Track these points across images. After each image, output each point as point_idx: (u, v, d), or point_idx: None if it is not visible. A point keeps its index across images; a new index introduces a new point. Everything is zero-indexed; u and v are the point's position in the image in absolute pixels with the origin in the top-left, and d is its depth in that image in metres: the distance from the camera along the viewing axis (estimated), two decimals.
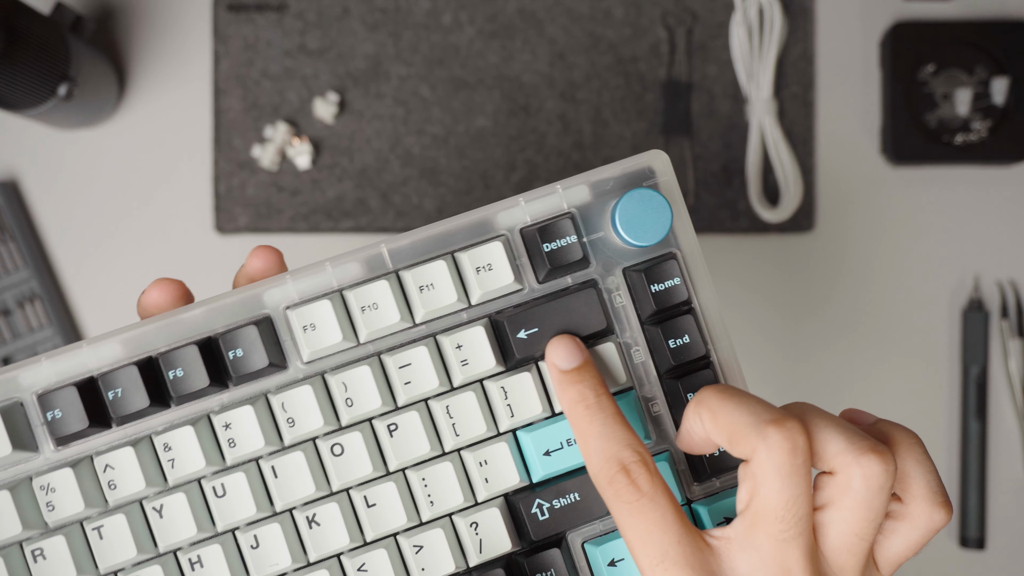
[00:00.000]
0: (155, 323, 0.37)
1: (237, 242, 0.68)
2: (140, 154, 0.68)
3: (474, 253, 0.37)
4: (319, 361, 0.37)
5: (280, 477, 0.37)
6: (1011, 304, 0.66)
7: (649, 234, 0.37)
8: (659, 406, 0.38)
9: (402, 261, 0.38)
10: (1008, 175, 0.67)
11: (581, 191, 0.38)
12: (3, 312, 0.67)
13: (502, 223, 0.38)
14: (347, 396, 0.37)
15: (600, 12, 0.67)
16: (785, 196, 0.66)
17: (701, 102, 0.67)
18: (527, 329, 0.37)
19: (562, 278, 0.38)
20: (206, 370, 0.36)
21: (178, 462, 0.36)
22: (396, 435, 0.37)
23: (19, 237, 0.66)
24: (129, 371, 0.36)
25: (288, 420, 0.37)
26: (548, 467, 0.37)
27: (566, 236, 0.37)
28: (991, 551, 0.66)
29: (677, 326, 0.38)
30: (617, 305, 0.38)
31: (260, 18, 0.67)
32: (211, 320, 0.37)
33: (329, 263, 0.37)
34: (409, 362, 0.37)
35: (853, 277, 0.67)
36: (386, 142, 0.67)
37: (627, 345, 0.38)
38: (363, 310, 0.37)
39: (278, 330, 0.37)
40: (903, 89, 0.65)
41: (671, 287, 0.38)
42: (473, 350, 0.37)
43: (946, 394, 0.67)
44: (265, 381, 0.37)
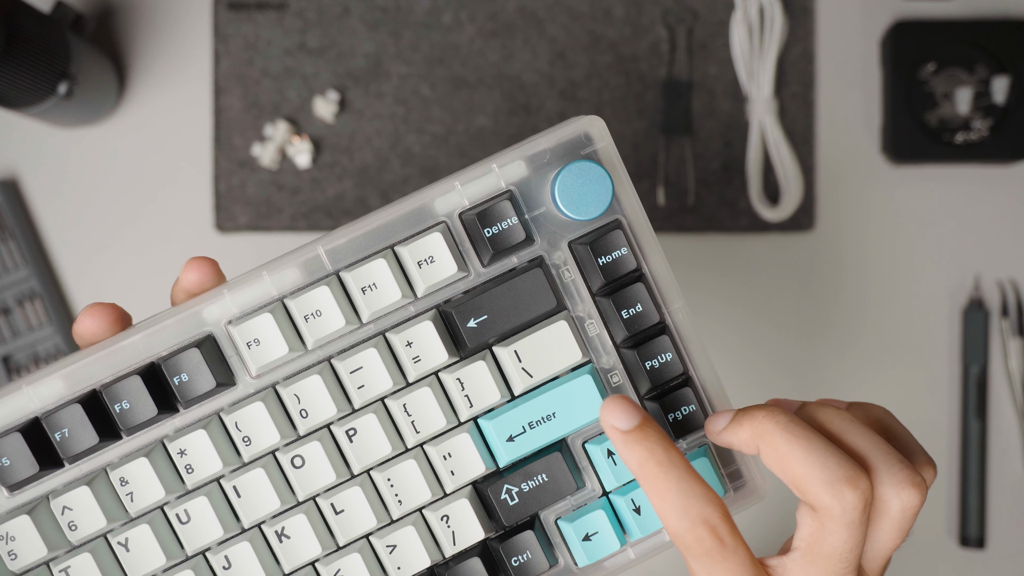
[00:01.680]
0: (94, 354, 0.36)
1: (237, 241, 0.68)
2: (140, 153, 0.68)
3: (414, 247, 0.36)
4: (269, 374, 0.36)
5: (243, 496, 0.36)
6: (1011, 304, 0.66)
7: (591, 207, 0.36)
8: (619, 376, 0.38)
9: (341, 261, 0.36)
10: (1008, 174, 0.67)
11: (518, 167, 0.37)
12: (3, 311, 0.67)
13: (440, 209, 0.37)
14: (301, 408, 0.36)
15: (600, 11, 0.67)
16: (785, 195, 0.66)
17: (701, 101, 0.67)
18: (476, 318, 0.36)
19: (508, 259, 0.37)
20: (152, 399, 0.35)
21: (137, 494, 0.36)
22: (356, 439, 0.36)
23: (19, 235, 0.66)
24: (73, 410, 0.35)
25: (244, 439, 0.36)
26: (513, 452, 0.37)
27: (506, 218, 0.36)
28: (991, 551, 0.66)
29: (628, 296, 0.37)
30: (567, 280, 0.37)
31: (260, 17, 0.67)
32: (152, 344, 0.36)
33: (266, 271, 0.36)
34: (360, 365, 0.36)
35: (853, 276, 0.67)
36: (386, 141, 0.67)
37: (580, 319, 0.38)
38: (307, 319, 0.36)
39: (222, 347, 0.36)
40: (903, 88, 0.65)
41: (618, 257, 0.37)
42: (424, 345, 0.36)
43: (946, 394, 0.67)
44: (216, 400, 0.36)
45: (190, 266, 0.37)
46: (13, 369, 0.67)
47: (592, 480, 0.38)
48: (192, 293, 0.37)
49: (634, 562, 0.38)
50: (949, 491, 0.67)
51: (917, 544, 0.67)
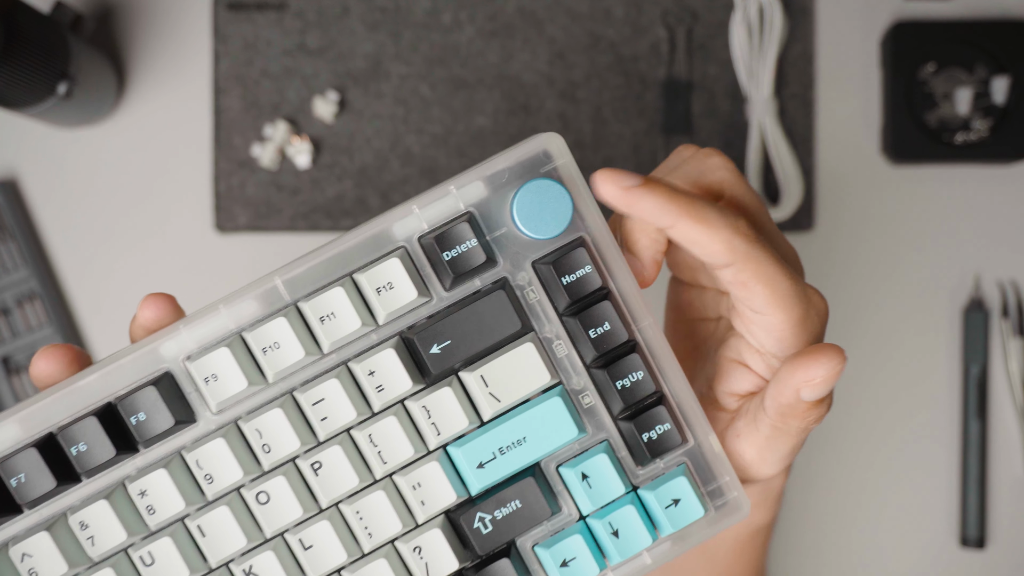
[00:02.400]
0: (50, 395, 0.35)
1: (237, 241, 0.68)
2: (140, 153, 0.68)
3: (371, 273, 0.35)
4: (230, 409, 0.36)
5: (208, 535, 0.35)
6: (1011, 304, 0.66)
7: (551, 226, 0.36)
8: (590, 397, 0.37)
9: (299, 291, 0.35)
10: (1008, 174, 0.67)
11: (476, 188, 0.36)
12: (3, 311, 0.67)
13: (399, 234, 0.36)
14: (263, 442, 0.35)
15: (600, 11, 0.67)
16: (785, 195, 0.66)
17: (701, 101, 0.67)
18: (439, 343, 0.35)
19: (471, 281, 0.36)
20: (110, 440, 0.34)
21: (98, 538, 0.35)
22: (322, 472, 0.35)
23: (18, 236, 0.66)
24: (29, 454, 0.34)
25: (206, 476, 0.35)
26: (484, 479, 0.36)
27: (465, 241, 0.35)
28: (991, 551, 0.66)
29: (595, 314, 0.36)
30: (532, 301, 0.37)
31: (260, 17, 0.67)
32: (108, 384, 0.35)
33: (222, 304, 0.35)
34: (322, 397, 0.35)
35: (853, 276, 0.67)
36: (386, 141, 0.67)
37: (548, 340, 0.37)
38: (265, 351, 0.35)
39: (181, 384, 0.35)
40: (903, 88, 0.65)
41: (583, 276, 0.36)
42: (386, 374, 0.35)
43: (946, 394, 0.67)
44: (177, 438, 0.35)
45: (146, 303, 0.36)
46: (13, 370, 0.67)
47: (568, 504, 0.37)
48: (150, 330, 0.36)
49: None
50: (949, 491, 0.67)
51: (917, 544, 0.67)
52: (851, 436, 0.67)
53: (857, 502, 0.67)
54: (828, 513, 0.67)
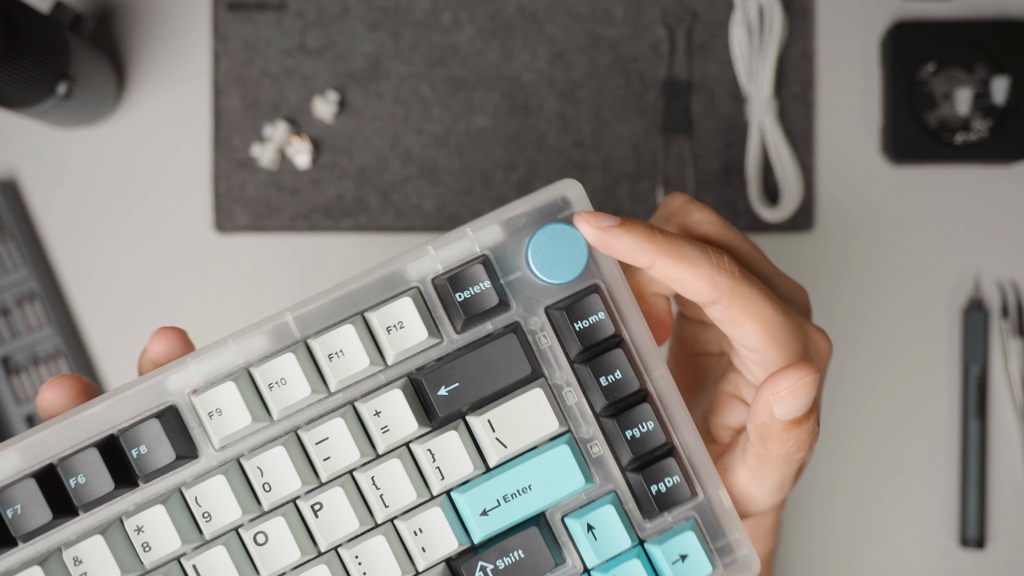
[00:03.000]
0: (53, 426, 0.34)
1: (237, 241, 0.68)
2: (139, 153, 0.68)
3: (383, 312, 0.35)
4: (232, 446, 0.35)
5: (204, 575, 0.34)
6: (1011, 304, 0.66)
7: (566, 271, 0.35)
8: (599, 447, 0.36)
9: (309, 328, 0.35)
10: (1008, 175, 0.67)
11: (493, 231, 0.36)
12: (2, 311, 0.67)
13: (413, 274, 0.35)
14: (264, 481, 0.35)
15: (600, 11, 0.67)
16: (785, 195, 0.66)
17: (701, 101, 0.67)
18: (447, 385, 0.35)
19: (482, 324, 0.36)
20: (110, 473, 0.34)
21: (91, 574, 0.34)
22: (322, 514, 0.35)
23: (18, 236, 0.66)
24: (27, 484, 0.34)
25: (204, 514, 0.34)
26: (487, 527, 0.35)
27: (479, 282, 0.35)
28: (991, 551, 0.66)
29: (607, 362, 0.36)
30: (543, 346, 0.36)
31: (260, 17, 0.67)
32: (112, 416, 0.35)
33: (231, 340, 0.35)
34: (326, 436, 0.35)
35: (853, 276, 0.67)
36: (386, 141, 0.67)
37: (558, 387, 0.36)
38: (271, 387, 0.35)
39: (185, 418, 0.35)
40: (903, 88, 0.65)
41: (596, 322, 0.36)
42: (393, 415, 0.35)
43: (946, 394, 0.67)
44: (177, 474, 0.35)
45: (157, 337, 0.36)
46: (12, 370, 0.67)
47: (572, 556, 0.36)
48: (159, 364, 0.36)
49: None
50: (949, 491, 0.67)
51: (917, 544, 0.67)
52: (851, 436, 0.67)
53: (857, 502, 0.67)
54: (828, 513, 0.67)
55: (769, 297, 0.36)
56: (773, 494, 0.38)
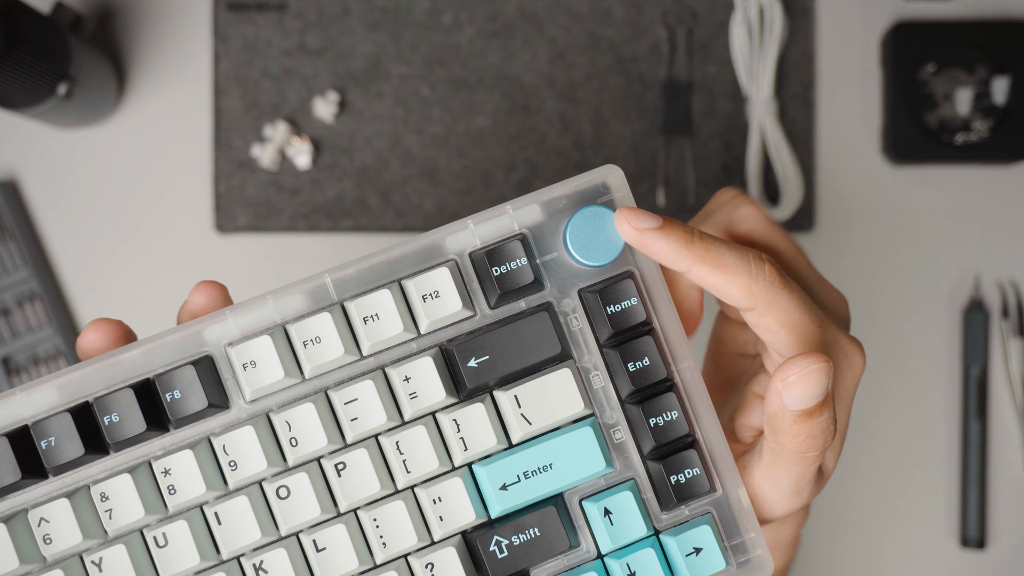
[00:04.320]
0: (92, 365, 0.35)
1: (237, 242, 0.68)
2: (140, 153, 0.68)
3: (420, 280, 0.35)
4: (263, 400, 0.36)
5: (224, 524, 0.35)
6: (1011, 304, 0.66)
7: (602, 253, 0.36)
8: (622, 433, 0.37)
9: (347, 291, 0.36)
10: (1008, 175, 0.67)
11: (533, 211, 0.36)
12: (3, 312, 0.67)
13: (451, 247, 0.36)
14: (291, 435, 0.35)
15: (600, 11, 0.67)
16: (785, 196, 0.66)
17: (701, 102, 0.67)
18: (477, 357, 0.35)
19: (515, 302, 0.36)
20: (143, 414, 0.34)
21: (116, 512, 0.35)
22: (344, 474, 0.35)
23: (19, 236, 0.66)
24: (62, 418, 0.34)
25: (230, 463, 0.35)
26: (506, 502, 0.36)
27: (516, 259, 0.36)
28: (991, 551, 0.66)
29: (636, 348, 0.36)
30: (574, 328, 0.36)
31: (260, 18, 0.67)
32: (150, 360, 0.35)
33: (271, 296, 0.36)
34: (355, 397, 0.35)
35: (853, 277, 0.67)
36: (386, 142, 0.67)
37: (586, 370, 0.37)
38: (305, 344, 0.35)
39: (219, 368, 0.36)
40: (904, 89, 0.65)
41: (628, 308, 0.36)
42: (422, 382, 0.35)
43: (946, 394, 0.67)
44: (207, 422, 0.36)
45: (199, 290, 0.37)
46: (13, 370, 0.67)
47: (587, 540, 0.37)
48: (198, 316, 0.36)
49: None
50: (949, 491, 0.67)
51: (917, 544, 0.67)
52: (851, 436, 0.67)
53: (857, 502, 0.67)
54: (828, 513, 0.67)
55: (805, 306, 0.36)
56: (789, 498, 0.38)
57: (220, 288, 0.37)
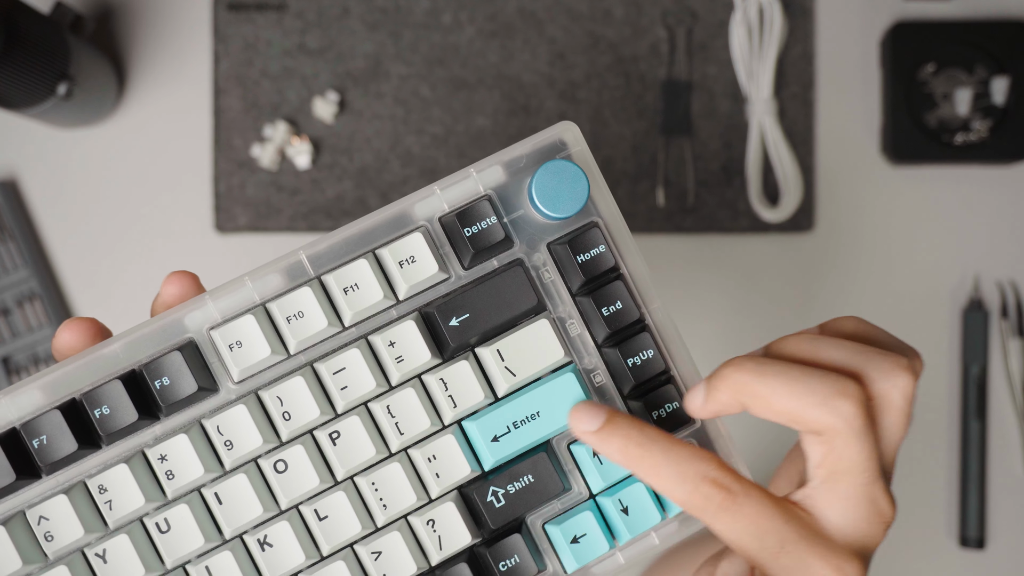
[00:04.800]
0: (73, 363, 0.35)
1: (237, 241, 0.68)
2: (140, 153, 0.68)
3: (395, 247, 0.36)
4: (251, 379, 0.36)
5: (225, 503, 0.35)
6: (1011, 304, 0.66)
7: (567, 205, 0.37)
8: (601, 376, 0.38)
9: (323, 265, 0.36)
10: (1008, 175, 0.67)
11: (495, 172, 0.37)
12: (3, 311, 0.67)
13: (420, 214, 0.37)
14: (284, 410, 0.36)
15: (600, 12, 0.67)
16: (785, 196, 0.66)
17: (701, 102, 0.67)
18: (458, 316, 0.36)
19: (487, 261, 0.37)
20: (133, 404, 0.35)
21: (116, 503, 0.35)
22: (339, 443, 0.36)
23: (19, 236, 0.66)
24: (52, 416, 0.34)
25: (226, 443, 0.35)
26: (497, 453, 0.37)
27: (486, 218, 0.37)
28: (991, 551, 0.66)
29: (608, 293, 0.37)
30: (547, 281, 0.38)
31: (260, 18, 0.67)
32: (133, 352, 0.35)
33: (248, 277, 0.36)
34: (343, 367, 0.36)
35: (853, 277, 0.67)
36: (386, 142, 0.67)
37: (561, 320, 0.38)
38: (288, 320, 0.36)
39: (204, 353, 0.36)
40: (903, 89, 0.65)
41: (597, 255, 0.37)
42: (406, 346, 0.36)
43: (946, 394, 0.67)
44: (198, 407, 0.36)
45: (170, 280, 0.36)
46: (13, 370, 0.67)
47: (579, 482, 0.38)
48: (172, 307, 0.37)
49: (623, 567, 0.38)
50: (949, 491, 0.67)
51: (917, 544, 0.67)
52: None
53: None
54: None
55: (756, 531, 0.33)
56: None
57: (192, 277, 0.37)
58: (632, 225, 0.66)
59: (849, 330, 0.37)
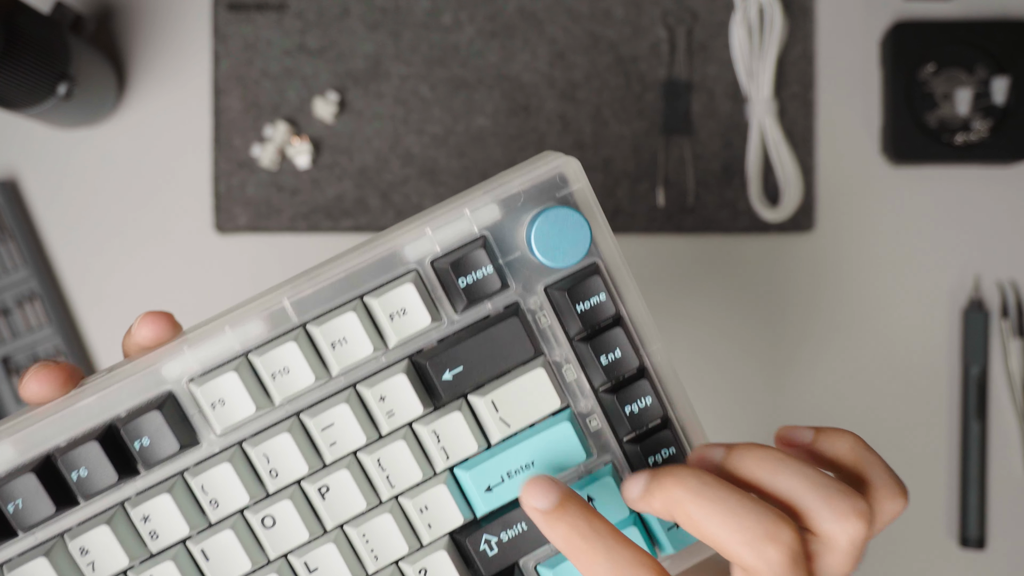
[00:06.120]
0: (48, 417, 0.34)
1: (237, 241, 0.68)
2: (140, 153, 0.68)
3: (384, 299, 0.34)
4: (235, 431, 0.35)
5: (212, 559, 0.34)
6: (1011, 304, 0.66)
7: (569, 255, 0.35)
8: (597, 420, 0.37)
9: (308, 312, 0.35)
10: (1008, 175, 0.67)
11: (491, 211, 0.35)
12: (3, 311, 0.67)
13: (410, 256, 0.35)
14: (271, 468, 0.34)
15: (600, 12, 0.67)
16: (785, 196, 0.66)
17: (701, 102, 0.67)
18: (451, 369, 0.35)
19: (482, 305, 0.36)
20: (112, 465, 0.33)
21: (99, 563, 0.34)
22: (329, 496, 0.35)
23: (19, 236, 0.66)
24: (27, 480, 0.33)
25: (211, 501, 0.34)
26: (491, 502, 0.36)
27: (481, 267, 0.35)
28: (991, 551, 0.66)
29: (607, 341, 0.36)
30: (543, 326, 0.36)
31: (260, 17, 0.67)
32: (108, 405, 0.34)
33: (228, 325, 0.34)
34: (332, 423, 0.35)
35: (853, 277, 0.67)
36: (386, 141, 0.67)
37: (557, 364, 0.37)
38: (274, 376, 0.34)
39: (184, 405, 0.34)
40: (903, 89, 0.65)
41: (597, 304, 0.36)
42: (397, 400, 0.35)
43: (946, 394, 0.67)
44: (180, 460, 0.35)
45: (144, 322, 0.35)
46: (13, 370, 0.67)
47: None
48: (147, 349, 0.35)
49: None
50: (949, 491, 0.67)
51: (917, 544, 0.67)
52: None
53: None
54: None
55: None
56: None
57: (166, 318, 0.35)
58: (632, 225, 0.66)
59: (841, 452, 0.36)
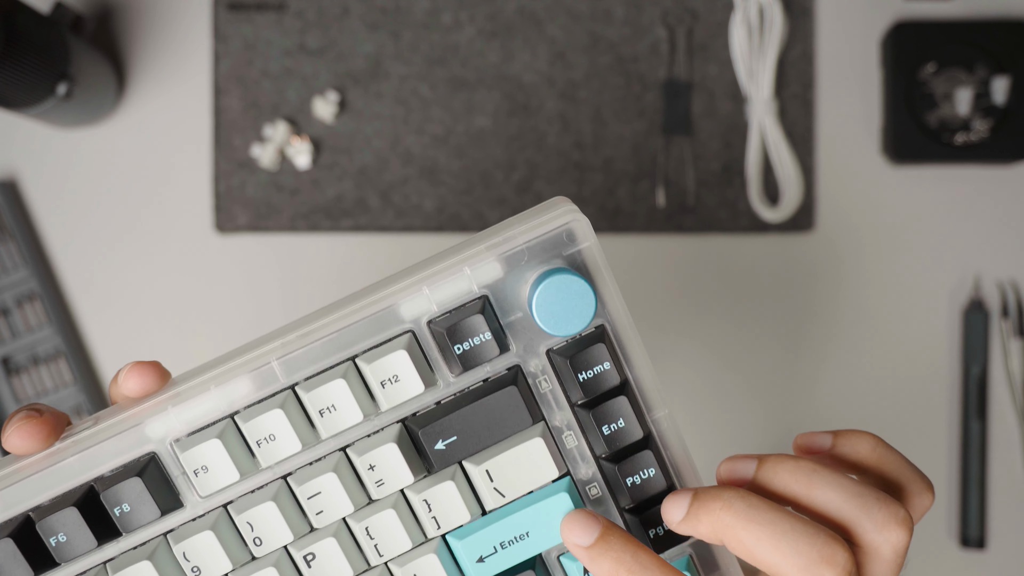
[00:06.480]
0: (28, 477, 0.33)
1: (237, 241, 0.68)
2: (140, 153, 0.68)
3: (376, 366, 0.33)
4: (218, 494, 0.34)
5: None
6: (1011, 304, 0.66)
7: (572, 324, 0.33)
8: (597, 488, 0.35)
9: (297, 373, 0.33)
10: (1008, 175, 0.67)
11: (492, 269, 0.33)
12: (2, 311, 0.67)
13: (406, 314, 0.33)
14: (255, 535, 0.33)
15: (600, 11, 0.67)
16: (785, 196, 0.66)
17: (701, 102, 0.67)
18: (445, 439, 0.33)
19: (480, 368, 0.34)
20: (91, 530, 0.33)
21: None
22: (315, 564, 0.34)
23: (18, 236, 0.66)
24: (4, 545, 0.32)
25: (193, 568, 0.33)
26: (483, 572, 0.35)
27: (479, 334, 0.33)
28: (991, 551, 0.66)
29: (610, 411, 0.34)
30: (544, 391, 0.34)
31: (260, 17, 0.67)
32: (90, 465, 0.33)
33: (214, 384, 0.33)
34: (319, 491, 0.33)
35: (853, 277, 0.67)
36: (386, 141, 0.67)
37: (557, 429, 0.35)
38: (259, 444, 0.33)
39: (166, 467, 0.33)
40: (904, 89, 0.65)
41: (600, 373, 0.34)
42: (387, 469, 0.33)
43: (946, 394, 0.67)
44: (162, 523, 0.34)
45: (131, 373, 0.34)
46: (13, 370, 0.67)
47: None
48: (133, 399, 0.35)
49: None
50: (949, 491, 0.67)
51: (917, 544, 0.67)
52: None
53: None
54: None
55: None
56: None
57: (153, 368, 0.34)
58: (632, 225, 0.66)
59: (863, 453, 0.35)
